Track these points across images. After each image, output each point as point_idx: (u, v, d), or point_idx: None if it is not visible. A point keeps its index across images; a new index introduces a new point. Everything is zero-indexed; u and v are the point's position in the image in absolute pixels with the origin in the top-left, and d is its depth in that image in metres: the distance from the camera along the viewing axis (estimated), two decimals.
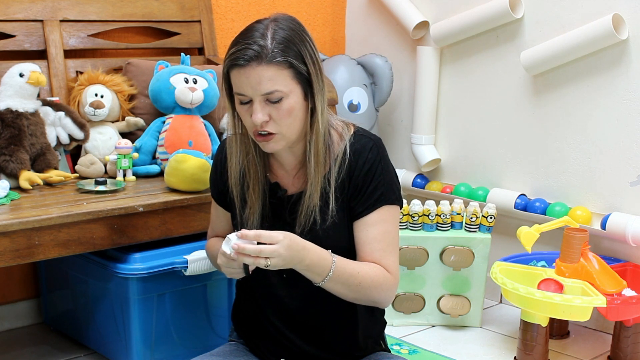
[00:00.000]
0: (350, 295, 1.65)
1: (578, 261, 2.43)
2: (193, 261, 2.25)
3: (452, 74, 3.16)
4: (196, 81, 2.56)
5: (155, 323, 2.30)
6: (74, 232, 2.05)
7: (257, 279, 1.75)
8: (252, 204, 1.70)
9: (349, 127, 1.71)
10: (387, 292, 1.67)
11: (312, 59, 1.60)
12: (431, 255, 2.74)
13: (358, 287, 1.63)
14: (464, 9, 3.03)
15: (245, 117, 1.62)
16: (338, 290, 1.63)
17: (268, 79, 1.55)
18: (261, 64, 1.54)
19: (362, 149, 1.67)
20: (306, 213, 1.66)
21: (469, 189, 3.06)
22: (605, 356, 2.59)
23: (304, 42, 1.59)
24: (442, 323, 2.83)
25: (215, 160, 1.82)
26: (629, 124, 2.65)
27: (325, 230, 1.66)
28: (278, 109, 1.58)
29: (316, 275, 1.60)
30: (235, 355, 1.79)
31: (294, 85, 1.58)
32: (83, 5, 2.71)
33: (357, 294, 1.65)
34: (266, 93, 1.56)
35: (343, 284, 1.62)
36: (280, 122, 1.59)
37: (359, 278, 1.62)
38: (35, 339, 2.66)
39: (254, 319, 1.80)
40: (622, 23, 2.60)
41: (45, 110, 2.40)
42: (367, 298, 1.66)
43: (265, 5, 3.27)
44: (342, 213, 1.68)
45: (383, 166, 1.68)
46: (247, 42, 1.55)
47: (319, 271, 1.59)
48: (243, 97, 1.59)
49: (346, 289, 1.63)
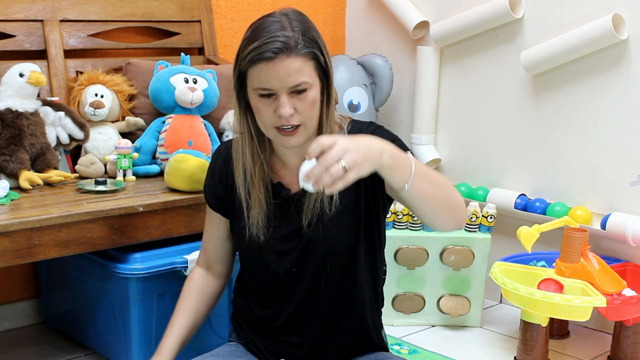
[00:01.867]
0: (438, 195, 1.49)
1: (578, 261, 2.43)
2: (193, 261, 2.25)
3: (452, 74, 3.16)
4: (196, 81, 2.56)
5: (155, 323, 2.30)
6: (74, 232, 2.05)
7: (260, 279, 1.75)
8: (258, 205, 1.68)
9: (346, 118, 1.72)
10: (459, 200, 1.54)
11: (326, 51, 1.60)
12: (431, 255, 2.74)
13: (440, 183, 1.49)
14: (464, 9, 3.03)
15: (266, 112, 1.57)
16: (425, 189, 1.46)
17: (297, 70, 1.52)
18: (290, 55, 1.51)
19: (359, 131, 1.65)
20: (313, 207, 1.64)
21: (469, 189, 3.06)
22: (605, 356, 2.59)
23: (317, 33, 1.59)
24: (442, 323, 2.83)
25: (212, 165, 1.79)
26: (629, 124, 2.65)
27: (331, 219, 1.64)
28: (303, 101, 1.55)
29: (402, 170, 1.42)
30: (235, 355, 1.79)
31: (316, 76, 1.57)
32: (83, 5, 2.71)
33: (442, 193, 1.49)
34: (294, 85, 1.53)
35: (428, 179, 1.47)
36: (304, 113, 1.56)
37: (435, 173, 1.50)
38: (35, 339, 2.66)
39: (253, 320, 1.80)
40: (622, 23, 2.60)
41: (45, 110, 2.40)
42: (452, 200, 1.51)
43: (265, 5, 3.27)
44: (346, 201, 1.65)
45: (385, 129, 1.67)
46: (271, 35, 1.51)
47: (403, 163, 1.43)
48: (266, 91, 1.55)
49: (432, 185, 1.47)
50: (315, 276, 1.70)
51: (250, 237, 1.69)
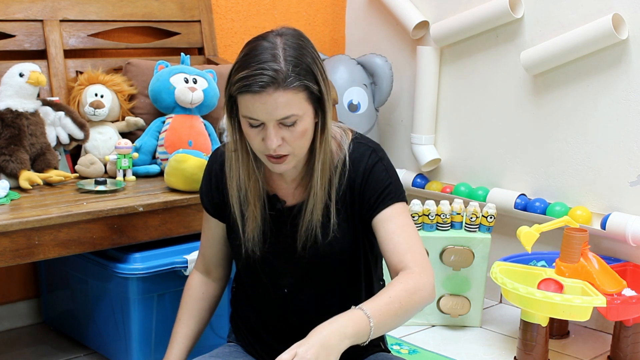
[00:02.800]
0: (401, 321, 1.55)
1: (578, 261, 2.43)
2: (193, 261, 2.25)
3: (452, 74, 3.16)
4: (196, 81, 2.56)
5: (155, 323, 2.30)
6: (74, 232, 2.05)
7: (256, 294, 1.74)
8: (253, 220, 1.65)
9: (347, 133, 1.67)
10: (426, 290, 1.58)
11: (322, 76, 1.54)
12: (431, 255, 2.74)
13: (400, 309, 1.52)
14: (464, 9, 3.03)
15: (255, 140, 1.54)
16: (390, 326, 1.53)
17: (284, 104, 1.48)
18: (278, 89, 1.46)
19: (360, 157, 1.63)
20: (307, 227, 1.62)
21: (469, 189, 3.06)
22: (605, 356, 2.59)
23: (314, 59, 1.53)
24: (442, 323, 2.83)
25: (208, 171, 1.75)
26: (629, 124, 2.65)
27: (327, 245, 1.63)
28: (292, 132, 1.52)
29: (362, 336, 1.47)
30: (234, 356, 1.78)
31: (307, 106, 1.52)
32: (83, 5, 2.71)
33: (406, 314, 1.55)
34: (282, 118, 1.49)
35: (389, 318, 1.51)
36: (293, 144, 1.53)
37: (396, 301, 1.52)
38: (35, 339, 2.66)
39: (252, 326, 1.79)
40: (622, 23, 2.60)
41: (45, 110, 2.40)
42: (414, 310, 1.57)
43: (265, 5, 3.27)
44: (345, 225, 1.64)
45: (385, 166, 1.64)
46: (260, 66, 1.46)
47: (362, 331, 1.46)
48: (254, 121, 1.52)
49: (394, 319, 1.52)
50: (311, 295, 1.69)
51: (246, 253, 1.68)
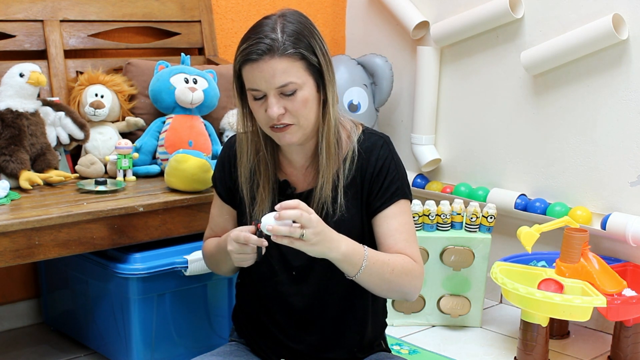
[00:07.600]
0: (383, 287, 1.63)
1: (578, 261, 2.43)
2: (193, 261, 2.25)
3: (452, 74, 3.16)
4: (196, 81, 2.56)
5: (155, 323, 2.30)
6: (74, 232, 2.05)
7: (263, 277, 1.75)
8: (261, 202, 1.70)
9: (357, 126, 1.73)
10: (417, 280, 1.67)
11: (322, 51, 1.62)
12: (431, 255, 2.74)
13: (391, 276, 1.62)
14: (464, 9, 3.03)
15: (259, 112, 1.62)
16: (372, 282, 1.61)
17: (282, 71, 1.56)
18: (274, 57, 1.56)
19: (372, 147, 1.69)
20: (317, 206, 1.66)
21: (469, 189, 3.06)
22: (605, 356, 2.59)
23: (313, 34, 1.61)
24: (442, 323, 2.83)
25: (223, 157, 1.81)
26: (629, 124, 2.65)
27: (336, 223, 1.65)
28: (293, 101, 1.59)
29: (351, 266, 1.58)
30: (235, 355, 1.79)
31: (307, 76, 1.60)
32: (83, 5, 2.71)
33: (390, 284, 1.63)
34: (280, 86, 1.57)
35: (377, 274, 1.61)
36: (296, 113, 1.60)
37: (390, 266, 1.61)
38: (35, 339, 2.66)
39: (256, 318, 1.80)
40: (622, 23, 2.60)
41: (45, 110, 2.40)
42: (399, 288, 1.65)
43: (265, 5, 3.27)
44: (354, 210, 1.68)
45: (396, 161, 1.71)
46: (258, 36, 1.57)
47: (354, 260, 1.57)
48: (257, 92, 1.60)
49: (379, 279, 1.61)
50: (317, 279, 1.70)
51: None
